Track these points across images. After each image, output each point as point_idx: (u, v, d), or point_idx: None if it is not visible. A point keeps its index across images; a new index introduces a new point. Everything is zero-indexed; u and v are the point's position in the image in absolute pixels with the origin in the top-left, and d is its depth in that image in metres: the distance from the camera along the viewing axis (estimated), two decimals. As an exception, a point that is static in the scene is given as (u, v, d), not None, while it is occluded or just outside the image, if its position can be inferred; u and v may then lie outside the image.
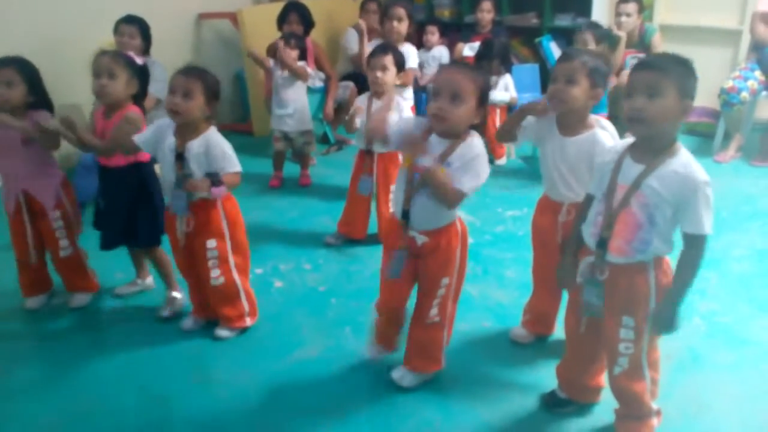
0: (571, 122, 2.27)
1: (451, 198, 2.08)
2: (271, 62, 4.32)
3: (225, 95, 5.84)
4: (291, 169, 4.59)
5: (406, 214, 2.18)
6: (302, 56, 4.23)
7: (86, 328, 2.83)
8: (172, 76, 2.44)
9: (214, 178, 2.44)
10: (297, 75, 4.19)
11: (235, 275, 2.64)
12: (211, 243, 2.56)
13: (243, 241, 2.66)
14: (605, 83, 2.25)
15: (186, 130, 2.47)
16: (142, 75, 2.70)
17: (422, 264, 2.24)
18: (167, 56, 4.04)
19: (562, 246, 2.39)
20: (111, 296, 3.01)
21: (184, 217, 2.51)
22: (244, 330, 2.74)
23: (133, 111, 2.65)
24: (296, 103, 4.28)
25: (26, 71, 2.67)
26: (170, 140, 2.48)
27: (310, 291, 3.07)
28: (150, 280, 3.08)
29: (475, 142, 2.11)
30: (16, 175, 2.75)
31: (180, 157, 2.46)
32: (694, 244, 1.85)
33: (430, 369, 2.39)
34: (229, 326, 2.70)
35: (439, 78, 2.09)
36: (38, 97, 2.71)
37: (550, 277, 2.49)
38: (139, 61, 2.74)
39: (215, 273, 2.59)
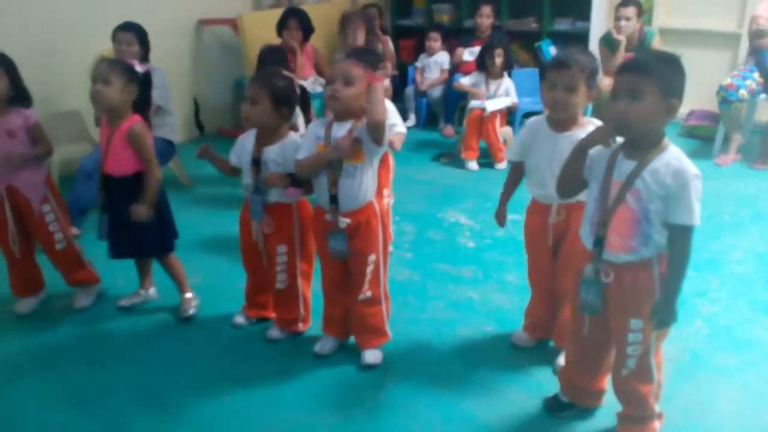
0: (564, 121, 2.28)
1: (382, 127, 2.27)
2: None
3: (225, 101, 5.89)
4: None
5: (334, 199, 2.36)
6: (285, 66, 4.19)
7: (87, 331, 2.84)
8: (246, 85, 2.49)
9: (293, 179, 2.48)
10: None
11: (299, 281, 2.67)
12: (282, 248, 2.60)
13: (311, 248, 2.69)
14: (595, 81, 2.27)
15: (264, 135, 2.52)
16: (142, 82, 2.71)
17: (349, 245, 2.42)
18: (168, 63, 4.06)
19: (553, 248, 2.40)
20: (115, 308, 3.00)
21: (261, 221, 2.55)
22: (297, 334, 2.75)
23: (136, 123, 2.65)
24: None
25: (8, 65, 2.70)
26: (249, 145, 2.54)
27: (315, 297, 3.07)
28: (153, 290, 3.07)
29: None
30: (2, 169, 2.75)
31: (256, 161, 2.50)
32: (684, 236, 1.85)
33: (378, 342, 2.57)
34: (283, 327, 2.74)
35: (335, 68, 2.36)
36: (19, 91, 2.74)
37: (543, 281, 2.50)
38: (139, 68, 2.75)
39: (281, 277, 2.64)
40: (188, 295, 2.95)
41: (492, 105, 4.79)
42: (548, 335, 2.63)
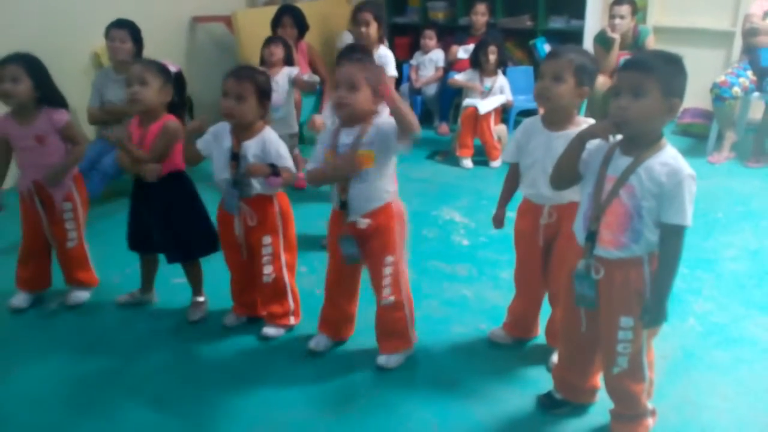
0: (558, 119, 2.27)
1: (410, 122, 2.32)
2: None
3: (219, 99, 5.87)
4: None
5: (344, 204, 2.34)
6: (288, 57, 4.20)
7: (83, 329, 2.83)
8: (224, 80, 2.46)
9: (274, 169, 2.48)
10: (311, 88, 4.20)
11: (285, 273, 2.68)
12: (267, 239, 2.59)
13: (293, 238, 2.70)
14: (592, 81, 2.26)
15: (241, 130, 2.50)
16: (176, 83, 2.70)
17: (366, 247, 2.40)
18: (161, 60, 4.02)
19: (544, 250, 2.40)
20: (111, 306, 3.00)
21: (241, 214, 2.54)
22: (290, 329, 2.75)
23: (171, 121, 2.64)
24: (287, 106, 4.27)
25: (31, 67, 2.69)
26: (227, 141, 2.52)
27: (306, 294, 3.06)
28: (152, 295, 3.03)
29: (379, 121, 2.35)
30: (31, 167, 2.77)
31: (235, 156, 2.48)
32: (675, 236, 1.86)
33: (401, 348, 2.53)
34: (275, 324, 2.73)
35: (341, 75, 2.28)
36: (46, 93, 2.73)
37: (531, 281, 2.51)
38: (172, 68, 2.73)
39: (268, 270, 2.63)
40: (200, 298, 2.93)
41: (485, 106, 4.79)
42: (526, 334, 2.65)
